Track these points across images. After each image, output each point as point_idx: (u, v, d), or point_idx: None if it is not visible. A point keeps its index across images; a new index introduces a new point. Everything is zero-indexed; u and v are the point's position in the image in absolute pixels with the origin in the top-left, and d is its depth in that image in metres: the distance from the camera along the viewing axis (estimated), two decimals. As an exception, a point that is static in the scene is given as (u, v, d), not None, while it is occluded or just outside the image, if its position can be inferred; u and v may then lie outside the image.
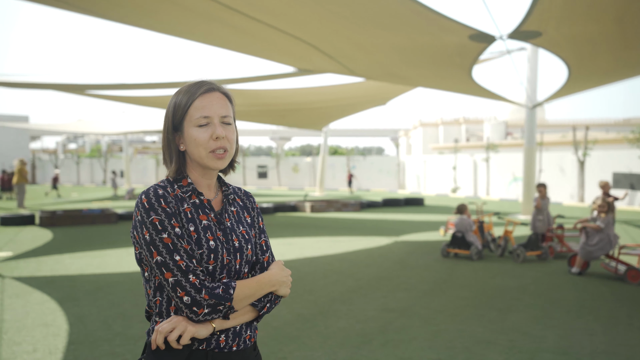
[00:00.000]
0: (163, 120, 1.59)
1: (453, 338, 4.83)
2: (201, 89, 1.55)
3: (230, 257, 1.55)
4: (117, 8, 7.98)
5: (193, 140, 1.53)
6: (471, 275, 7.63)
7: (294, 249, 9.82)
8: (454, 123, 48.76)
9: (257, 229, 1.71)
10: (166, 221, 1.46)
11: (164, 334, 1.44)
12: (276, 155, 37.73)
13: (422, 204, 20.97)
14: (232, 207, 1.66)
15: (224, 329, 1.52)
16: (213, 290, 1.46)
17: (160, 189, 1.51)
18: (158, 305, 1.52)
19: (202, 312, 1.44)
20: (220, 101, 1.57)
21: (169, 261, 1.44)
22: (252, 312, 1.58)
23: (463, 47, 8.02)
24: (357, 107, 19.24)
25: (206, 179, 1.61)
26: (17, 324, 5.17)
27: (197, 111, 1.53)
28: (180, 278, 1.44)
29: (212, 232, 1.54)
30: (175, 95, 1.58)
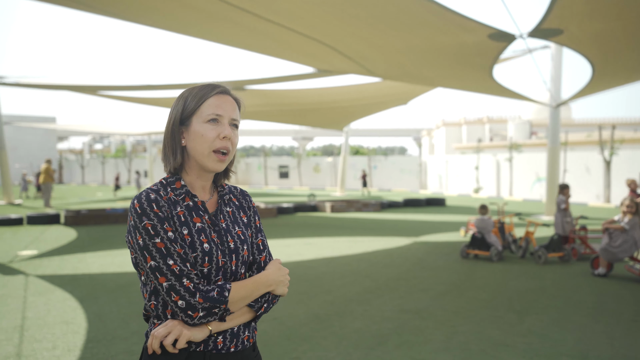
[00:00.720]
0: (168, 115, 1.59)
1: (469, 340, 4.78)
2: (216, 89, 1.58)
3: (226, 259, 1.55)
4: (140, 11, 8.09)
5: (200, 136, 1.53)
6: (490, 277, 7.54)
7: (313, 249, 9.83)
8: (477, 123, 48.26)
9: (254, 229, 1.70)
10: (159, 226, 1.46)
11: (159, 338, 1.44)
12: (297, 155, 37.81)
13: (443, 204, 20.80)
14: (227, 207, 1.65)
15: (221, 331, 1.52)
16: (207, 294, 1.46)
17: (153, 193, 1.50)
18: (153, 309, 1.53)
19: (197, 316, 1.45)
20: (232, 105, 1.59)
21: (162, 266, 1.45)
22: (250, 312, 1.57)
23: (482, 46, 7.93)
24: (378, 106, 19.18)
25: (201, 180, 1.61)
26: (38, 322, 5.27)
27: (210, 108, 1.54)
28: (174, 282, 1.44)
29: (206, 234, 1.54)
30: (185, 93, 1.59)
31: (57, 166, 46.72)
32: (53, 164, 44.35)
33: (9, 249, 9.90)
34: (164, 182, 1.57)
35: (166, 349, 1.45)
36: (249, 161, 40.04)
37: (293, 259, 8.87)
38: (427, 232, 12.34)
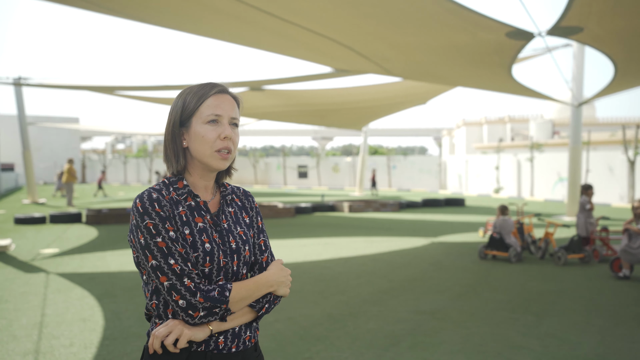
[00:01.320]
0: (168, 116, 1.59)
1: (484, 342, 4.73)
2: (214, 89, 1.57)
3: (227, 259, 1.55)
4: (158, 13, 8.17)
5: (200, 137, 1.53)
6: (508, 278, 7.45)
7: (330, 249, 9.82)
8: (499, 122, 47.78)
9: (256, 229, 1.70)
10: (160, 225, 1.46)
11: (160, 338, 1.45)
12: (316, 155, 37.84)
13: (462, 204, 20.62)
14: (229, 207, 1.65)
15: (222, 331, 1.52)
16: (208, 293, 1.46)
17: (155, 192, 1.51)
18: (155, 308, 1.53)
19: (197, 315, 1.45)
20: (231, 104, 1.58)
21: (163, 265, 1.45)
22: (251, 313, 1.57)
23: (501, 44, 7.83)
24: (397, 106, 19.08)
25: (204, 180, 1.61)
26: (57, 319, 5.36)
27: (209, 109, 1.54)
28: (175, 282, 1.44)
29: (207, 234, 1.54)
30: (184, 93, 1.58)
31: (80, 166, 47.45)
32: (76, 164, 45.07)
33: (32, 247, 10.08)
34: (167, 181, 1.57)
35: (167, 348, 1.46)
36: (268, 161, 40.18)
37: (309, 258, 8.87)
38: (445, 233, 12.24)
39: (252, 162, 39.50)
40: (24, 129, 22.59)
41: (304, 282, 7.11)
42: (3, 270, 7.87)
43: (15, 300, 6.10)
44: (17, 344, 4.59)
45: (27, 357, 4.29)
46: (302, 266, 8.22)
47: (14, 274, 7.60)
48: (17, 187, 35.88)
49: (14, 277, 7.42)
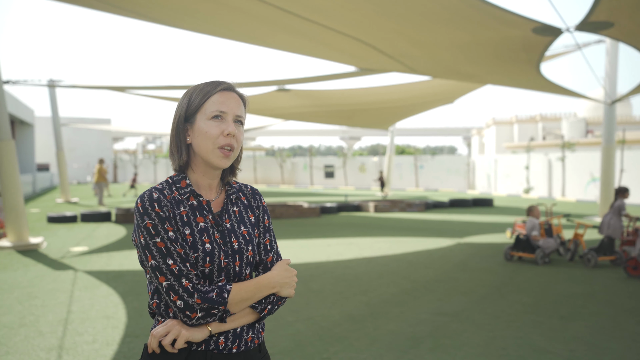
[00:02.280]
0: (174, 111, 1.59)
1: (507, 345, 4.63)
2: (220, 86, 1.56)
3: (229, 260, 1.53)
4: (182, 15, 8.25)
5: (203, 133, 1.52)
6: (535, 280, 7.29)
7: (353, 249, 9.78)
8: (530, 121, 46.92)
9: (262, 229, 1.67)
10: (159, 225, 1.46)
11: (158, 338, 1.45)
12: (343, 155, 37.75)
13: (491, 204, 20.30)
14: (234, 207, 1.63)
15: (222, 331, 1.51)
16: (206, 295, 1.45)
17: (156, 192, 1.50)
18: (155, 307, 1.53)
19: (195, 317, 1.44)
20: (236, 101, 1.57)
21: (162, 265, 1.45)
22: (253, 314, 1.55)
23: (527, 41, 7.67)
24: (423, 106, 18.89)
25: (208, 178, 1.59)
26: (82, 316, 5.45)
27: (214, 105, 1.53)
28: (173, 282, 1.44)
29: (208, 234, 1.52)
30: (190, 90, 1.58)
31: (112, 166, 48.36)
32: (108, 164, 45.95)
33: (62, 245, 10.30)
34: (170, 181, 1.57)
35: (165, 348, 1.45)
36: (295, 161, 40.27)
37: (332, 258, 8.84)
38: (471, 233, 12.07)
39: (279, 162, 39.63)
40: (57, 130, 23.15)
41: (325, 282, 7.09)
42: (34, 268, 8.06)
43: (44, 297, 6.24)
44: (43, 340, 4.69)
45: (51, 352, 4.37)
46: (324, 266, 8.20)
47: (44, 271, 7.77)
48: (52, 187, 36.79)
49: (44, 274, 7.60)
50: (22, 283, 6.98)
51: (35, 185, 29.71)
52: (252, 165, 40.51)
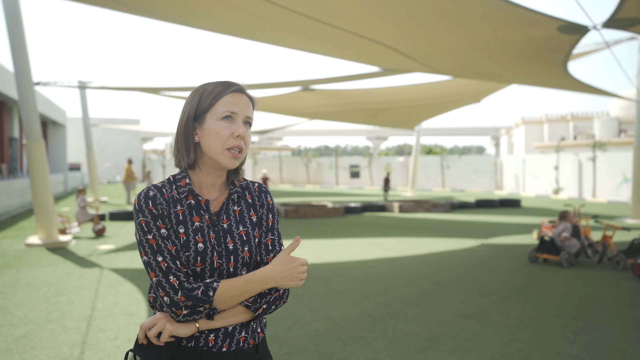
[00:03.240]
0: (182, 110, 1.59)
1: (528, 348, 4.56)
2: (232, 87, 1.57)
3: (222, 260, 1.53)
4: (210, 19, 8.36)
5: (214, 133, 1.53)
6: (560, 282, 7.16)
7: (376, 249, 9.75)
8: (561, 120, 46.04)
9: (265, 227, 1.65)
10: (152, 223, 1.48)
11: (144, 329, 1.48)
12: (369, 155, 37.62)
13: (518, 205, 19.99)
14: (235, 206, 1.62)
15: (213, 329, 1.52)
16: (191, 292, 1.46)
17: (154, 190, 1.52)
18: (152, 301, 1.57)
19: (181, 313, 1.46)
20: (246, 103, 1.59)
21: (152, 261, 1.47)
22: (246, 313, 1.54)
23: (553, 40, 7.53)
24: (449, 105, 18.70)
25: (212, 177, 1.59)
26: (105, 312, 5.57)
27: (225, 106, 1.54)
28: (161, 278, 1.46)
29: (203, 234, 1.53)
30: (200, 89, 1.58)
31: (141, 166, 49.15)
32: (137, 164, 46.70)
33: (90, 243, 10.53)
34: (171, 179, 1.58)
35: (150, 340, 1.48)
36: (320, 161, 40.29)
37: (354, 258, 8.83)
38: (497, 234, 11.91)
39: (305, 161, 39.71)
40: (87, 131, 23.64)
41: (346, 282, 7.09)
42: (62, 265, 8.25)
43: (70, 294, 6.39)
44: (67, 336, 4.81)
45: (74, 348, 4.48)
46: (346, 266, 8.20)
47: (71, 269, 7.96)
48: (84, 186, 37.50)
49: (71, 271, 7.78)
50: (50, 280, 7.16)
51: (66, 185, 30.38)
52: (278, 165, 40.67)
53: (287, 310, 5.66)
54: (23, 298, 6.16)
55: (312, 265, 8.22)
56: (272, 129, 29.84)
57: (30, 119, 10.08)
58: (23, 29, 9.84)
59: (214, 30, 9.29)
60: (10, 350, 4.43)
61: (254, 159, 41.66)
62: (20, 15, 9.80)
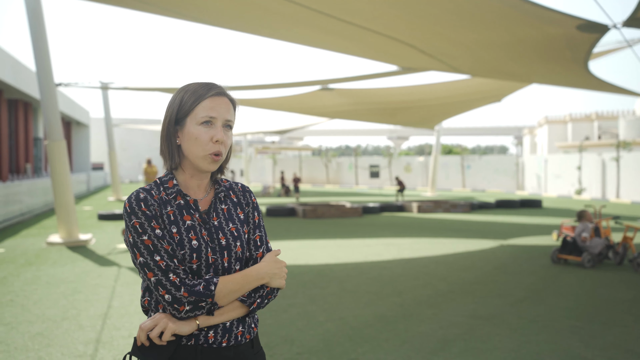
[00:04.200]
0: (165, 111, 1.63)
1: (542, 351, 4.50)
2: (212, 91, 1.59)
3: (216, 256, 1.57)
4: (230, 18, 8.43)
5: (193, 139, 1.56)
6: (578, 284, 7.04)
7: (392, 250, 9.71)
8: (585, 119, 45.31)
9: (252, 225, 1.70)
10: (146, 224, 1.51)
11: (145, 331, 1.49)
12: (389, 155, 37.45)
13: (539, 206, 19.71)
14: (222, 205, 1.66)
15: (212, 325, 1.54)
16: (193, 288, 1.49)
17: (143, 192, 1.55)
18: (147, 304, 1.59)
19: (183, 310, 1.48)
20: (226, 106, 1.61)
21: (150, 262, 1.49)
22: (242, 308, 1.58)
23: (572, 39, 7.41)
24: (469, 104, 18.52)
25: (196, 179, 1.63)
26: (121, 311, 5.65)
27: (204, 110, 1.56)
28: (160, 277, 1.48)
29: (195, 232, 1.56)
30: (182, 91, 1.61)
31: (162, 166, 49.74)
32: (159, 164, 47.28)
33: (109, 242, 10.68)
34: (158, 181, 1.62)
35: (153, 341, 1.49)
36: (340, 161, 40.24)
37: (370, 259, 8.81)
38: (516, 235, 11.76)
39: (324, 161, 39.71)
40: (109, 131, 24.00)
41: (360, 282, 7.07)
42: (81, 263, 8.39)
43: (87, 292, 6.49)
44: (82, 333, 4.89)
45: (89, 345, 4.55)
46: (361, 266, 8.18)
47: (90, 267, 8.09)
48: (105, 185, 38.12)
49: (89, 269, 7.90)
50: (68, 278, 7.28)
51: (89, 184, 30.87)
52: (298, 165, 40.75)
53: (300, 310, 5.67)
54: (42, 296, 6.28)
55: (327, 266, 8.23)
56: (292, 128, 29.91)
57: (51, 120, 10.26)
58: (45, 31, 10.03)
59: (233, 28, 9.34)
60: (26, 347, 4.52)
61: (273, 159, 41.80)
62: (43, 17, 9.98)
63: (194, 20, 8.98)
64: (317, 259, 8.76)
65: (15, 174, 23.23)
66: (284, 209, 16.28)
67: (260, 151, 55.68)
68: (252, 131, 32.38)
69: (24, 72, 20.70)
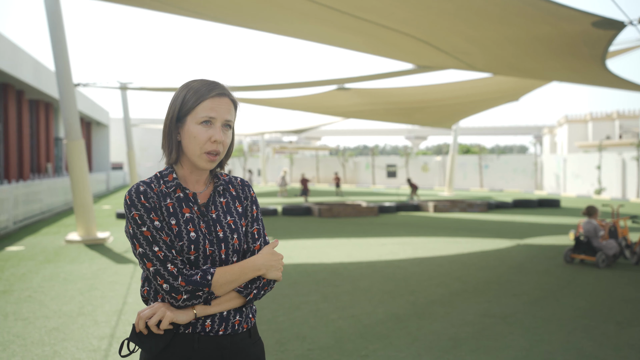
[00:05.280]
0: (169, 106, 1.66)
1: (554, 350, 4.46)
2: (213, 91, 1.62)
3: (214, 248, 1.60)
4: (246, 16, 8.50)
5: (193, 137, 1.60)
6: (594, 284, 6.96)
7: (407, 249, 9.68)
8: (606, 119, 44.66)
9: (250, 218, 1.73)
10: (145, 215, 1.55)
11: (144, 319, 1.53)
12: (406, 154, 37.29)
13: (557, 205, 19.47)
14: (221, 198, 1.70)
15: (209, 315, 1.58)
16: (190, 277, 1.53)
17: (143, 185, 1.60)
18: (146, 294, 1.63)
19: (181, 298, 1.52)
20: (227, 106, 1.64)
21: (148, 252, 1.54)
22: (238, 298, 1.62)
23: (588, 36, 7.32)
24: (486, 103, 18.38)
25: (195, 175, 1.68)
26: (135, 307, 5.73)
27: (204, 111, 1.60)
28: (159, 267, 1.53)
29: (194, 224, 1.60)
30: (185, 89, 1.64)
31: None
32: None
33: (127, 240, 10.82)
34: (158, 175, 1.66)
35: (151, 329, 1.53)
36: (357, 160, 40.16)
37: (384, 258, 8.80)
38: (533, 235, 11.64)
39: (341, 161, 39.69)
40: (128, 130, 24.28)
41: (374, 281, 7.08)
42: (99, 261, 8.52)
43: (104, 289, 6.60)
44: (97, 328, 4.97)
45: (103, 340, 4.63)
46: (375, 265, 8.17)
47: (107, 264, 8.21)
48: (125, 185, 38.56)
49: (106, 267, 8.02)
50: (86, 275, 7.40)
51: (109, 183, 31.27)
52: (315, 164, 40.79)
53: (313, 308, 5.70)
54: (59, 292, 6.40)
55: (342, 264, 8.24)
56: (308, 128, 29.96)
57: (70, 119, 10.43)
58: (64, 32, 10.20)
59: (248, 26, 9.40)
60: (42, 341, 4.61)
61: (290, 159, 41.90)
62: (62, 18, 10.15)
63: (211, 19, 9.05)
64: (332, 258, 8.78)
65: (37, 174, 23.64)
66: (300, 208, 16.32)
67: (277, 151, 55.86)
68: (269, 130, 32.53)
69: (44, 72, 21.06)
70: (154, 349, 1.54)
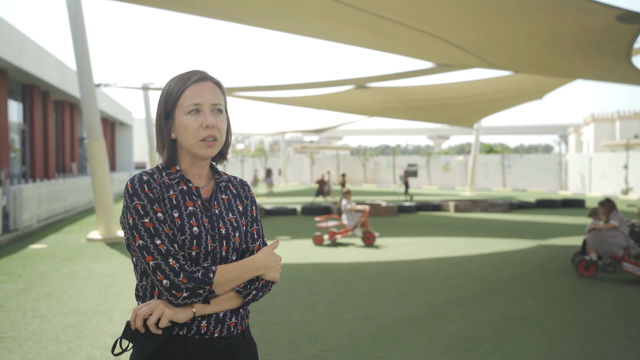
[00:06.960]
0: (156, 108, 1.63)
1: (574, 353, 4.34)
2: (193, 77, 1.58)
3: (215, 244, 1.56)
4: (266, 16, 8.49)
5: (184, 129, 1.56)
6: (617, 287, 6.76)
7: (426, 249, 9.57)
8: (634, 117, 43.70)
9: (250, 218, 1.70)
10: (148, 206, 1.50)
11: (142, 317, 1.46)
12: (427, 154, 36.98)
13: (582, 205, 19.09)
14: (223, 195, 1.66)
15: (205, 315, 1.52)
16: (192, 274, 1.47)
17: (146, 175, 1.55)
18: (143, 289, 1.56)
19: (181, 296, 1.46)
20: (211, 89, 1.59)
21: (149, 245, 1.47)
22: (237, 299, 1.57)
23: (612, 30, 7.11)
24: (508, 102, 18.10)
25: (196, 168, 1.63)
26: (151, 305, 5.74)
27: (189, 99, 1.56)
28: (160, 262, 1.46)
29: (197, 218, 1.55)
30: (168, 84, 1.61)
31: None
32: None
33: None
34: (160, 167, 1.61)
35: (149, 328, 1.46)
36: (378, 160, 39.96)
37: (402, 257, 8.70)
38: (555, 235, 11.41)
39: (362, 160, 39.55)
40: (150, 130, 24.53)
41: (391, 281, 6.99)
42: (118, 259, 8.60)
43: (121, 286, 6.64)
44: (112, 326, 5.00)
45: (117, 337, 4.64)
46: (392, 265, 8.09)
47: (125, 263, 8.27)
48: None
49: (124, 265, 8.08)
50: (104, 273, 7.47)
51: (132, 183, 31.61)
52: (335, 164, 40.72)
53: (327, 308, 5.64)
54: (77, 290, 6.46)
55: (359, 264, 8.17)
56: (329, 127, 29.92)
57: (91, 119, 10.55)
58: (85, 33, 10.32)
59: (268, 27, 9.39)
60: (58, 338, 4.65)
61: (311, 159, 41.89)
62: (83, 19, 10.28)
63: (231, 20, 9.07)
64: (349, 257, 8.72)
65: (62, 173, 24.03)
66: (318, 208, 16.29)
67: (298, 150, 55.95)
68: (290, 130, 32.54)
69: (68, 74, 21.40)
70: (150, 348, 1.47)
